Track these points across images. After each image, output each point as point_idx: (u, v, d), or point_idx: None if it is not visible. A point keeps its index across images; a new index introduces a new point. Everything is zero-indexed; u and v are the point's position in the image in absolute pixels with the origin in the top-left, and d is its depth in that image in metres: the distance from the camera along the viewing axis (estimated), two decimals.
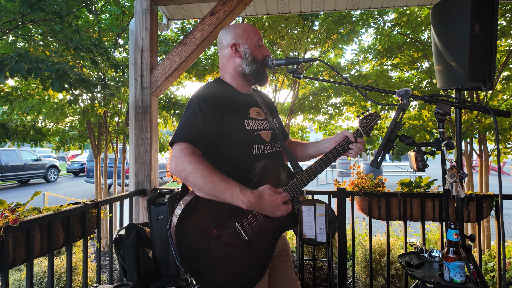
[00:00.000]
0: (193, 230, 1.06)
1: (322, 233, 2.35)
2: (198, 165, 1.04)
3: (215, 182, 1.04)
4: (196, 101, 1.16)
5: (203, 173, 1.04)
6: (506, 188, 9.69)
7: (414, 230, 4.55)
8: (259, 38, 1.32)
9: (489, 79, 1.79)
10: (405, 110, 1.27)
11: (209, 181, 1.03)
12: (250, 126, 1.24)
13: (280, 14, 3.24)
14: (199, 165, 1.04)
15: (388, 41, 4.06)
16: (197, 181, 1.04)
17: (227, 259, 1.09)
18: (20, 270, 2.97)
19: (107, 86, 3.32)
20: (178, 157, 1.06)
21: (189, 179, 1.05)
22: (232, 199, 1.06)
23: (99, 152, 4.40)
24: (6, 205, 1.45)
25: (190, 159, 1.05)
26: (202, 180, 1.03)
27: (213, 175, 1.04)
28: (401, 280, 2.66)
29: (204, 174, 1.03)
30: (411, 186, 2.49)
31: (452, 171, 1.32)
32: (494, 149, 3.77)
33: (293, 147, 1.55)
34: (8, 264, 1.39)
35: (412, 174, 11.15)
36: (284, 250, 1.40)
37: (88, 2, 2.87)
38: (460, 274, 1.34)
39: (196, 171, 1.04)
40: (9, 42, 3.42)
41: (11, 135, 3.28)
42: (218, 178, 1.05)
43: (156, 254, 2.00)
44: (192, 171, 1.04)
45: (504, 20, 3.35)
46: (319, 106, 4.88)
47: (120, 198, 2.29)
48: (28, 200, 1.58)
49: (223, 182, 1.05)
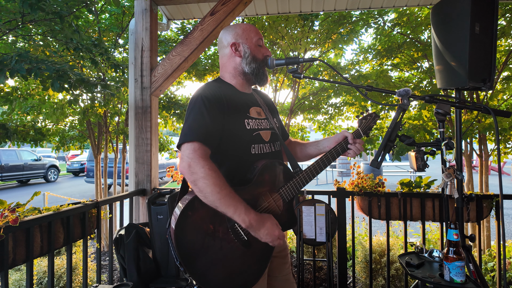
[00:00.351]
0: (192, 230, 1.06)
1: (322, 233, 2.35)
2: (210, 172, 1.04)
3: (222, 195, 1.03)
4: (200, 100, 1.15)
5: (213, 182, 1.03)
6: (506, 188, 9.69)
7: (414, 230, 4.55)
8: (259, 38, 1.32)
9: (489, 79, 1.79)
10: (405, 110, 1.27)
11: (216, 192, 1.03)
12: (250, 126, 1.24)
13: (280, 14, 3.24)
14: (211, 173, 1.04)
15: (388, 41, 4.06)
16: (205, 188, 1.03)
17: (226, 259, 1.09)
18: (20, 270, 2.97)
19: (107, 86, 3.32)
20: (192, 158, 1.05)
21: (198, 183, 1.04)
22: (233, 215, 1.05)
23: (99, 152, 4.40)
24: (6, 205, 1.45)
25: (204, 163, 1.05)
26: (210, 189, 1.03)
27: (222, 188, 1.04)
28: (401, 280, 2.66)
29: (214, 183, 1.03)
30: (411, 186, 2.49)
31: (448, 171, 1.32)
32: (494, 149, 3.77)
33: (292, 147, 1.55)
34: (8, 264, 1.39)
35: (412, 174, 11.16)
36: (283, 251, 1.40)
37: (88, 2, 2.87)
38: (460, 274, 1.34)
39: (207, 178, 1.03)
40: (9, 42, 3.41)
41: (11, 135, 3.28)
42: (226, 192, 1.04)
43: (156, 254, 2.00)
44: (203, 177, 1.03)
45: (504, 20, 3.35)
46: (319, 106, 4.88)
47: (120, 198, 2.29)
48: (28, 200, 1.57)
49: (230, 197, 1.05)
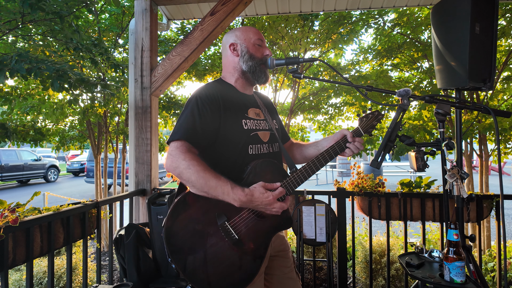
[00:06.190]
0: (182, 228, 1.08)
1: (322, 233, 2.35)
2: (191, 161, 1.07)
3: (207, 178, 1.06)
4: (194, 100, 1.19)
5: (196, 169, 1.06)
6: (506, 188, 9.69)
7: (414, 230, 4.54)
8: (259, 38, 1.33)
9: (489, 79, 1.79)
10: (405, 110, 1.27)
11: (201, 177, 1.06)
12: (248, 126, 1.25)
13: (280, 14, 3.24)
14: (193, 162, 1.07)
15: (388, 41, 4.05)
16: (190, 177, 1.07)
17: (218, 258, 1.09)
18: (20, 270, 2.96)
19: (107, 86, 3.32)
20: (173, 154, 1.09)
21: (183, 175, 1.08)
22: (223, 196, 1.08)
23: (99, 152, 4.40)
24: (6, 205, 1.45)
25: (185, 156, 1.08)
26: (195, 176, 1.06)
27: (206, 172, 1.07)
28: (401, 280, 2.66)
29: (197, 170, 1.06)
30: (411, 186, 2.48)
31: (453, 171, 1.32)
32: (494, 149, 3.77)
33: (292, 149, 1.55)
34: (8, 264, 1.39)
35: (412, 174, 11.16)
36: (283, 251, 1.40)
37: (88, 2, 2.86)
38: (460, 274, 1.34)
39: (189, 167, 1.07)
40: (9, 42, 3.41)
41: (11, 135, 3.28)
42: (210, 175, 1.07)
43: (156, 254, 2.00)
44: (186, 167, 1.07)
45: (504, 20, 3.34)
46: (319, 106, 4.87)
47: (120, 198, 2.29)
48: (28, 200, 1.57)
49: (215, 179, 1.07)
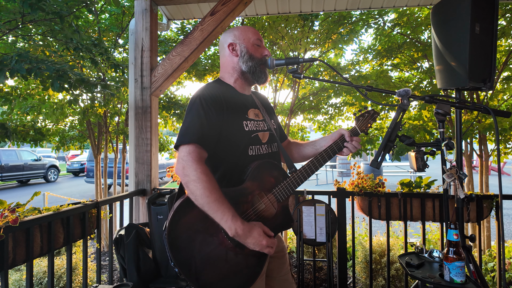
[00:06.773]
0: (185, 231, 1.06)
1: (322, 233, 2.35)
2: (202, 176, 1.05)
3: (211, 199, 1.04)
4: (198, 101, 1.16)
5: (203, 185, 1.04)
6: (506, 188, 9.69)
7: (414, 230, 4.55)
8: (257, 38, 1.33)
9: (489, 79, 1.79)
10: (405, 110, 1.27)
11: (206, 196, 1.04)
12: (248, 127, 1.25)
13: (280, 14, 3.24)
14: (203, 176, 1.05)
15: (388, 41, 4.05)
16: (195, 191, 1.05)
17: (220, 260, 1.09)
18: (20, 270, 2.97)
19: (107, 86, 3.32)
20: (186, 160, 1.07)
21: (190, 186, 1.06)
22: (220, 221, 1.05)
23: (99, 152, 4.40)
24: (6, 205, 1.45)
25: (197, 166, 1.06)
26: (200, 192, 1.04)
27: (212, 192, 1.04)
28: (401, 280, 2.66)
29: (204, 187, 1.04)
30: (411, 186, 2.48)
31: (451, 171, 1.32)
32: (494, 149, 3.77)
33: (290, 148, 1.54)
34: (8, 264, 1.39)
35: (412, 174, 11.16)
36: (281, 251, 1.40)
37: (88, 2, 2.86)
38: (460, 274, 1.34)
39: (198, 181, 1.04)
40: (9, 42, 3.41)
41: (11, 135, 3.27)
42: (215, 196, 1.05)
43: (156, 254, 2.00)
44: (195, 180, 1.05)
45: (504, 20, 3.34)
46: (319, 106, 4.87)
47: (120, 198, 2.29)
48: (28, 200, 1.57)
49: (218, 203, 1.05)
